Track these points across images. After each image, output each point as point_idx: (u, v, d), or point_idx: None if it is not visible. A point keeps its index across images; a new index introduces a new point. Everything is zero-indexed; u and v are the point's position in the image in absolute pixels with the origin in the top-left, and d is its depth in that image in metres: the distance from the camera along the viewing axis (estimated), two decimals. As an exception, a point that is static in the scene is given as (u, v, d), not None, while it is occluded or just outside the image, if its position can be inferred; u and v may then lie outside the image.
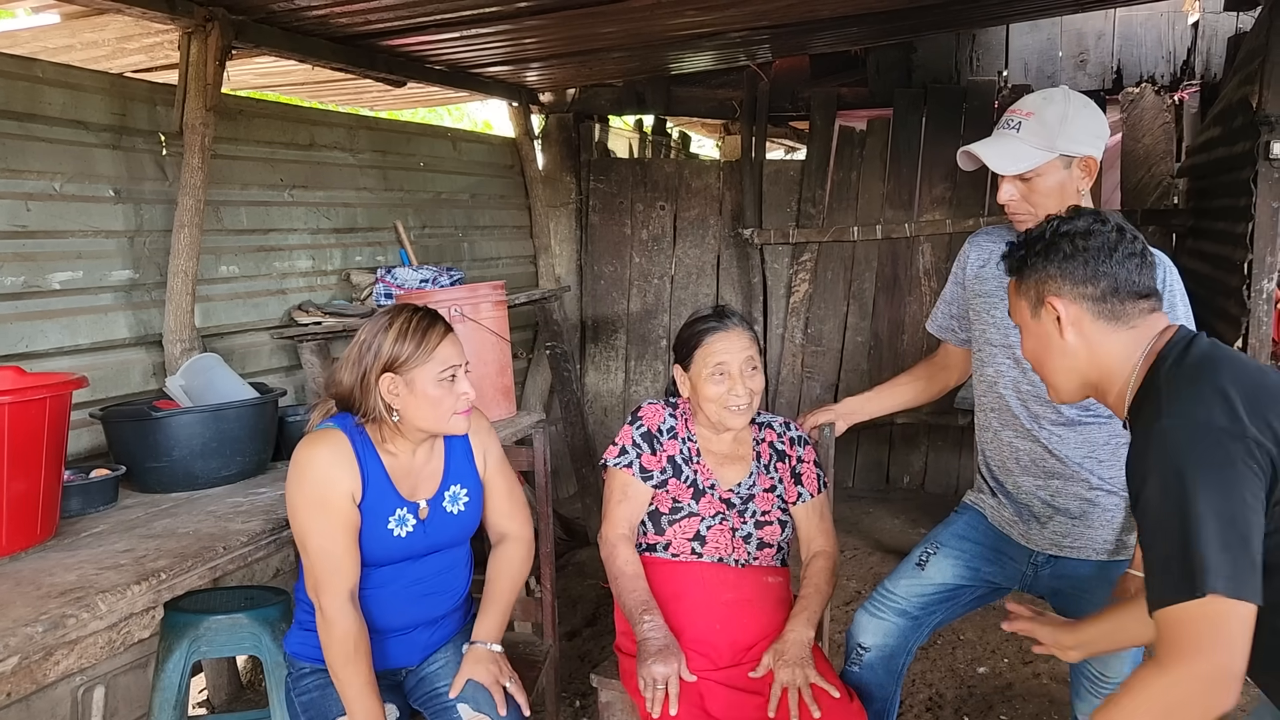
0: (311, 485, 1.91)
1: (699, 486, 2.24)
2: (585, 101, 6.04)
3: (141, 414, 2.48)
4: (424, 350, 1.95)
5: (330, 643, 1.89)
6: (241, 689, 3.49)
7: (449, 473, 2.11)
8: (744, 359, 2.20)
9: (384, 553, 2.00)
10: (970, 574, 2.28)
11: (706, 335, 2.22)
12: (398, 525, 2.00)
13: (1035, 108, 2.06)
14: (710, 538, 2.21)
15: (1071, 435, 2.13)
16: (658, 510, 2.25)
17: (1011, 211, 2.10)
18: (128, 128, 3.22)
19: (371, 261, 4.39)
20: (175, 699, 2.38)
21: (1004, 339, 2.18)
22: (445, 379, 1.96)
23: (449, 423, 1.99)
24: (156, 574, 1.85)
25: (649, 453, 2.25)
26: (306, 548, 1.92)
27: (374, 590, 2.01)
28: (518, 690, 2.01)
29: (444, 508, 2.08)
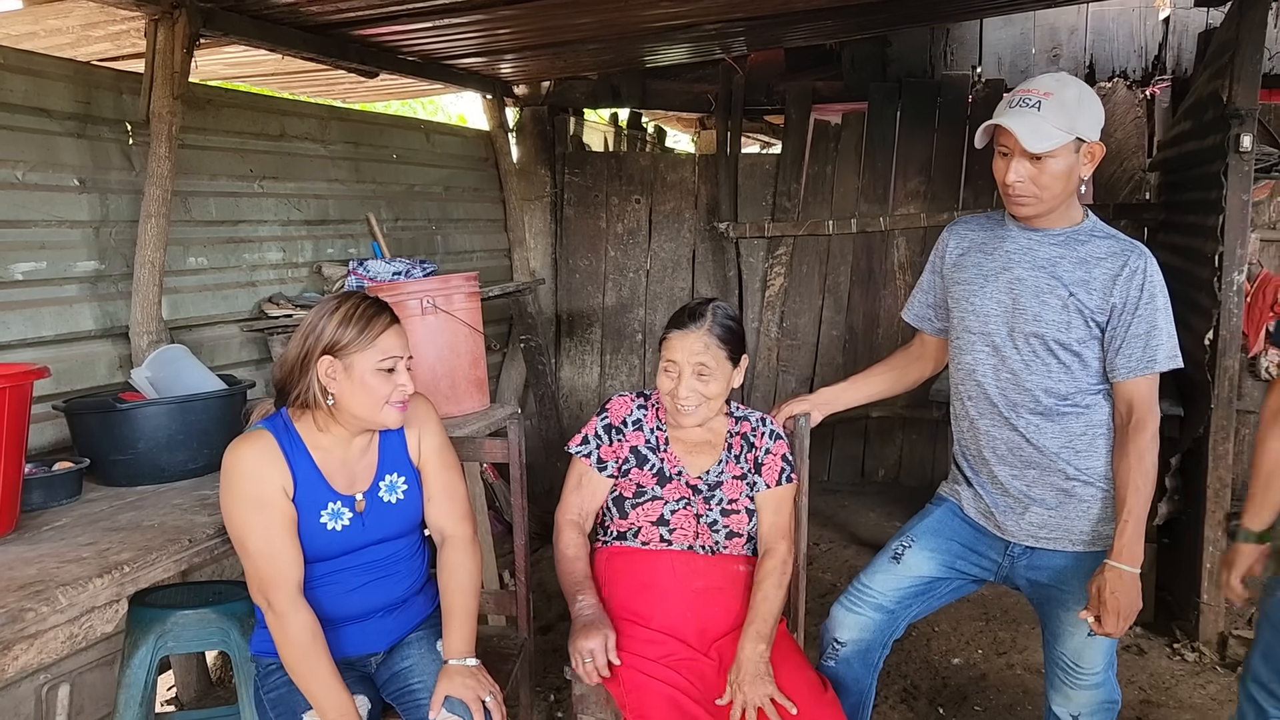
0: (244, 485, 1.90)
1: (665, 474, 2.25)
2: (560, 94, 6.00)
3: (106, 406, 2.44)
4: (366, 337, 1.93)
5: (285, 640, 1.87)
6: (211, 685, 3.44)
7: (384, 462, 2.09)
8: (694, 362, 2.16)
9: (321, 547, 1.97)
10: (946, 566, 2.28)
11: (670, 331, 2.23)
12: (331, 519, 1.98)
13: (1052, 88, 2.01)
14: (675, 522, 2.20)
15: (1049, 425, 2.12)
16: (621, 495, 2.25)
17: (1017, 193, 2.05)
18: (93, 116, 3.17)
19: (344, 254, 4.35)
20: (141, 696, 2.34)
21: (983, 326, 2.17)
22: (384, 369, 1.95)
23: (382, 413, 1.97)
24: (120, 567, 1.82)
25: (608, 444, 2.28)
26: (247, 549, 1.89)
27: (322, 582, 1.99)
28: (496, 706, 1.96)
29: (381, 498, 2.06)
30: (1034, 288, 2.10)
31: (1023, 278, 2.12)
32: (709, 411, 2.22)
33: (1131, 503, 2.01)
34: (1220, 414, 3.43)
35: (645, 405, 2.33)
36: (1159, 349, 2.04)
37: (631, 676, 2.05)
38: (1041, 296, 2.09)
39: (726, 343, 2.21)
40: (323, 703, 1.86)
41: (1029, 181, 2.03)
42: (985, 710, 3.21)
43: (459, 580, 2.09)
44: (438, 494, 2.14)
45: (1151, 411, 2.05)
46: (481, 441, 2.49)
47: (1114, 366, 2.07)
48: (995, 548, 2.25)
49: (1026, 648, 3.60)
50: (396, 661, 2.07)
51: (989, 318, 2.16)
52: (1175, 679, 3.35)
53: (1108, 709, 2.19)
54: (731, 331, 2.23)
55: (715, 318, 2.21)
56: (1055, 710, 2.23)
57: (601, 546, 2.29)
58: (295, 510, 1.93)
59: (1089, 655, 2.14)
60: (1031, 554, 2.20)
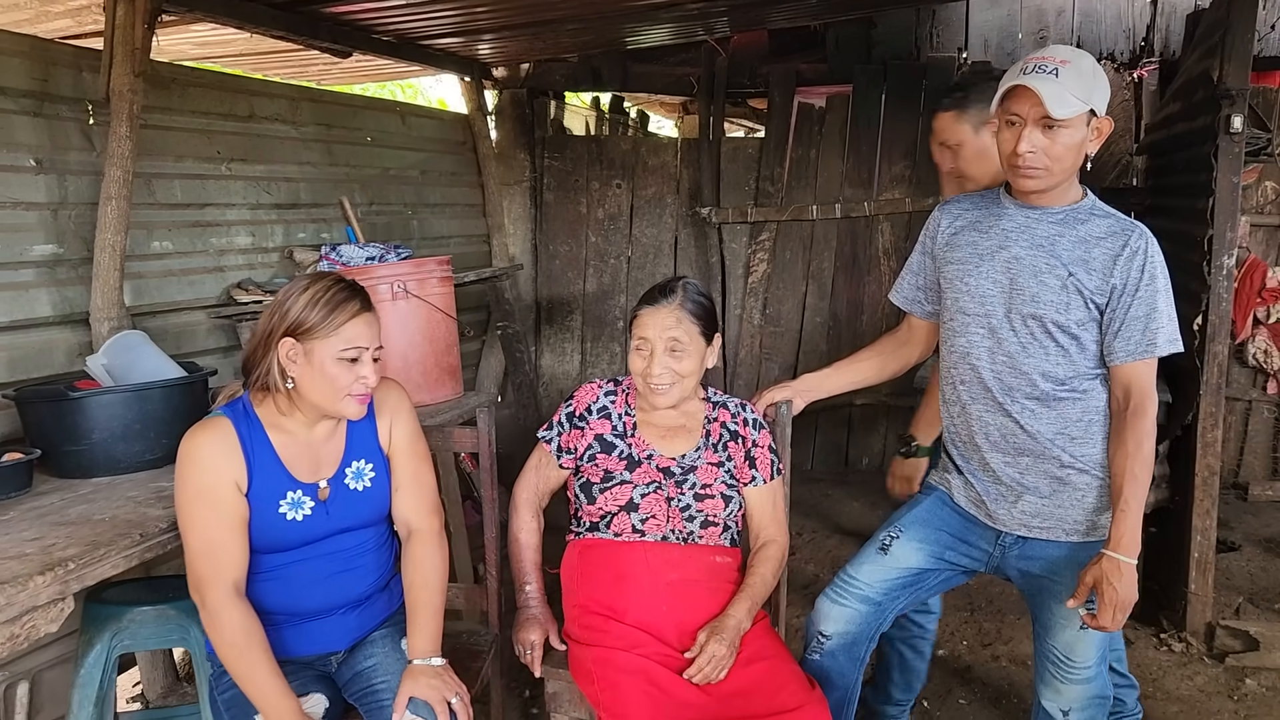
0: (194, 476, 1.82)
1: (634, 458, 2.18)
2: (540, 77, 5.90)
3: (58, 394, 2.34)
4: (330, 323, 1.84)
5: (219, 639, 1.78)
6: (178, 681, 3.35)
7: (351, 448, 1.99)
8: (667, 337, 2.10)
9: (280, 537, 1.89)
10: (935, 557, 2.21)
11: (640, 308, 2.17)
12: (291, 509, 1.89)
13: (1069, 57, 1.92)
14: (646, 506, 2.13)
15: (1044, 410, 2.05)
16: (589, 481, 2.19)
17: (1028, 164, 1.95)
18: (50, 94, 3.05)
19: (316, 239, 4.24)
20: (96, 696, 2.25)
21: (979, 308, 2.09)
22: (346, 358, 1.85)
23: (340, 404, 1.88)
24: (64, 563, 1.72)
25: (569, 431, 2.24)
26: (187, 541, 1.82)
27: (281, 574, 1.91)
28: (462, 708, 1.88)
29: (347, 485, 1.97)
30: (1032, 267, 2.02)
31: (1020, 256, 2.04)
32: (682, 391, 2.14)
33: (1129, 491, 1.93)
34: (1209, 401, 3.37)
35: (615, 391, 2.27)
36: (1159, 332, 1.97)
37: (606, 673, 1.99)
38: (1040, 276, 2.01)
39: (699, 318, 2.15)
40: (263, 704, 1.78)
41: (1041, 153, 1.94)
42: (970, 703, 3.15)
43: (425, 575, 2.00)
44: (406, 483, 2.05)
45: (1150, 397, 1.98)
46: (451, 430, 2.40)
47: (1112, 350, 2.00)
48: (986, 537, 2.18)
49: (1012, 639, 3.55)
50: (359, 660, 1.99)
51: (985, 298, 2.08)
52: (1162, 670, 3.30)
53: (1099, 704, 2.12)
54: (703, 307, 2.17)
55: (686, 293, 2.16)
56: (1045, 705, 2.17)
57: (574, 539, 2.22)
58: (246, 506, 1.85)
59: (1081, 649, 2.07)
60: (1023, 544, 2.13)
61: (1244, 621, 3.45)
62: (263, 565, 1.90)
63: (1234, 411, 5.12)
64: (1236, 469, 5.22)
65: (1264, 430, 5.20)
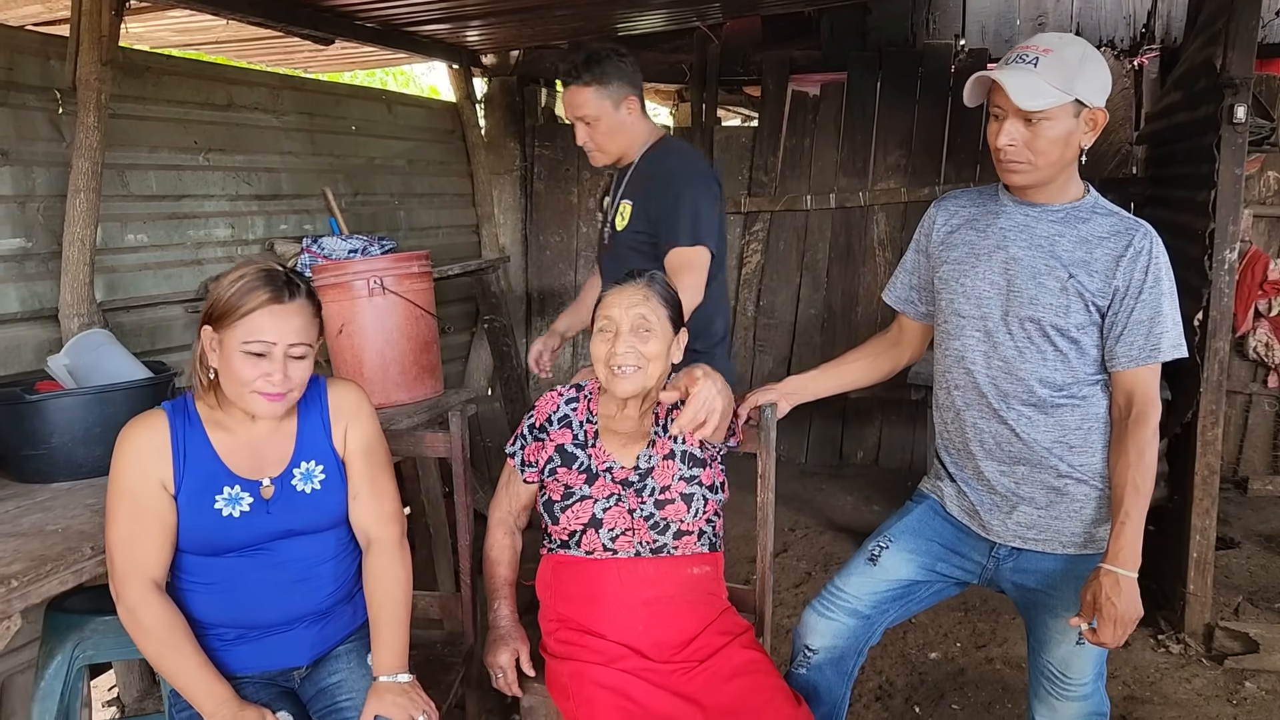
0: (118, 470, 1.77)
1: (592, 470, 2.07)
2: (530, 64, 5.79)
3: (14, 397, 2.26)
4: (236, 311, 1.73)
5: (141, 634, 1.72)
6: (154, 684, 3.27)
7: (301, 448, 1.90)
8: (634, 314, 1.99)
9: (217, 535, 1.80)
10: (926, 569, 2.12)
11: (606, 290, 2.07)
12: (228, 505, 1.80)
13: (1053, 45, 1.84)
14: (609, 521, 2.03)
15: (1041, 418, 1.96)
16: (550, 499, 2.09)
17: (1008, 159, 1.88)
18: (16, 83, 2.96)
19: (298, 230, 4.15)
20: (57, 709, 2.18)
21: (974, 310, 2.00)
22: (249, 351, 1.74)
23: (247, 399, 1.78)
24: (7, 580, 1.64)
25: (530, 444, 2.15)
26: (109, 535, 1.75)
27: (234, 583, 1.82)
28: None
29: (293, 486, 1.87)
30: (1030, 268, 1.93)
31: (1018, 257, 1.94)
32: (645, 380, 2.02)
33: (1130, 502, 1.84)
34: (1209, 398, 3.28)
35: (576, 398, 2.16)
36: (1163, 336, 1.88)
37: (582, 688, 1.91)
38: (1039, 278, 1.92)
39: (668, 303, 2.05)
40: (196, 695, 1.72)
41: (1022, 146, 1.86)
42: (963, 708, 3.08)
43: (386, 588, 1.91)
44: (363, 491, 1.95)
45: (1153, 404, 1.89)
46: (423, 435, 2.31)
47: (1114, 355, 1.91)
48: (979, 549, 2.09)
49: (1006, 640, 3.48)
50: (323, 676, 1.91)
51: (981, 300, 1.98)
52: (1160, 672, 3.23)
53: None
54: (672, 296, 2.08)
55: (654, 280, 2.06)
56: None
57: (547, 554, 2.13)
58: (172, 506, 1.77)
59: (1078, 664, 1.99)
60: (1018, 556, 2.04)
61: (1243, 623, 3.38)
62: (212, 573, 1.81)
63: (1234, 405, 5.04)
64: (1236, 464, 5.14)
65: (1264, 424, 5.12)
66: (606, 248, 2.82)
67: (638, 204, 2.69)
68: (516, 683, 2.06)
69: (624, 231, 2.72)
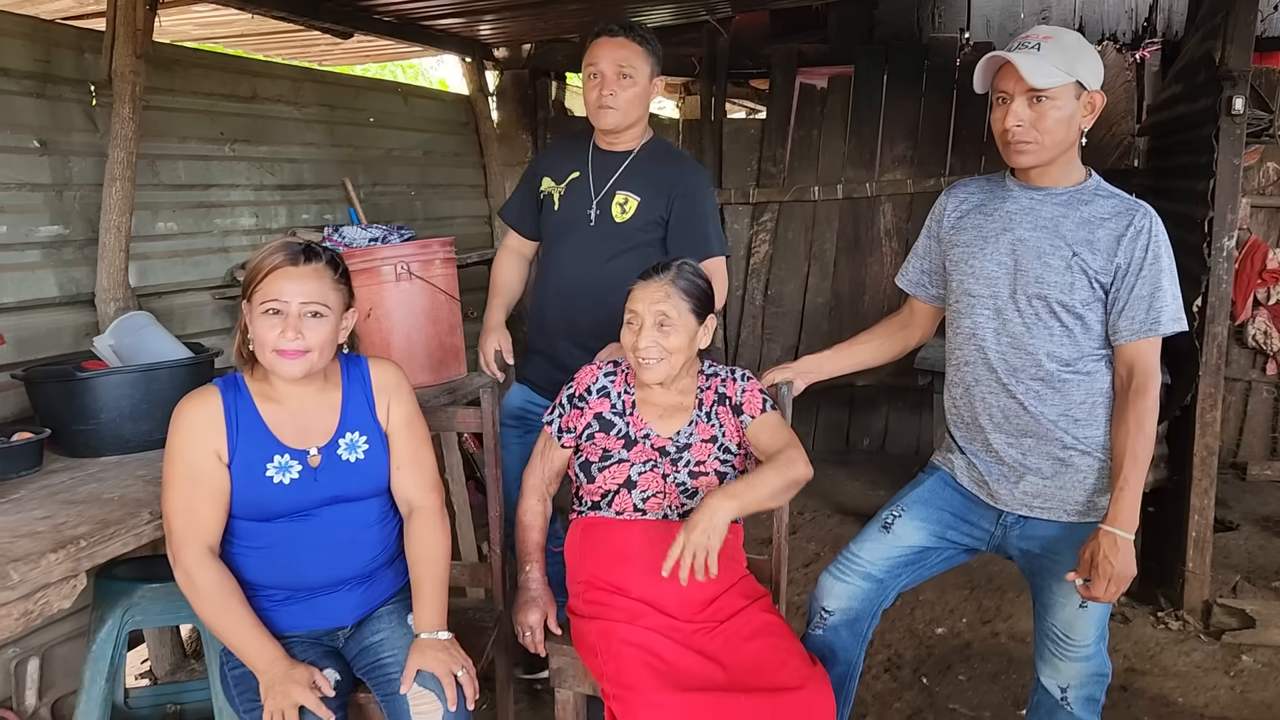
0: (175, 443, 1.88)
1: (631, 437, 2.21)
2: (542, 57, 5.88)
3: (66, 374, 2.36)
4: (256, 277, 1.88)
5: (197, 598, 1.84)
6: (185, 658, 3.39)
7: (345, 420, 2.02)
8: (655, 310, 2.13)
9: (269, 502, 1.92)
10: (937, 536, 2.23)
11: (634, 283, 2.20)
12: (278, 472, 1.92)
13: (1052, 34, 1.99)
14: (643, 484, 2.17)
15: (1049, 392, 2.07)
16: (587, 460, 2.22)
17: (1016, 139, 2.00)
18: (53, 76, 3.06)
19: (319, 219, 4.25)
20: (108, 671, 2.29)
21: (984, 289, 2.11)
22: (268, 310, 1.87)
23: (270, 360, 1.90)
24: (75, 541, 1.75)
25: (569, 412, 2.27)
26: (166, 503, 1.87)
27: (284, 547, 1.94)
28: (468, 681, 1.92)
29: (339, 455, 1.99)
30: (1036, 248, 2.04)
31: (1025, 238, 2.06)
32: (670, 369, 2.16)
33: (1129, 469, 1.96)
34: (1208, 382, 3.39)
35: (614, 372, 2.30)
36: (1163, 310, 1.99)
37: (609, 646, 2.01)
38: (1044, 258, 2.03)
39: (690, 295, 2.16)
40: (249, 654, 1.84)
41: (1029, 126, 1.98)
42: (970, 679, 3.19)
43: (428, 551, 2.03)
44: (406, 463, 2.07)
45: (1153, 377, 2.00)
46: (455, 411, 2.42)
47: (1116, 329, 2.02)
48: (988, 517, 2.20)
49: (1012, 615, 3.58)
50: (366, 635, 2.02)
51: (990, 280, 2.10)
52: (1160, 647, 3.33)
53: (1097, 681, 2.15)
54: (697, 286, 2.19)
55: (680, 271, 2.18)
56: (1044, 682, 2.19)
57: (577, 517, 2.24)
58: (226, 476, 1.89)
59: (1080, 627, 2.09)
60: (1024, 523, 2.14)
61: (1240, 600, 3.48)
62: (263, 537, 1.93)
63: (1233, 392, 5.14)
64: (1235, 449, 5.25)
65: (1263, 410, 5.22)
66: (581, 232, 2.74)
67: (646, 200, 2.70)
68: (542, 642, 2.18)
69: (625, 225, 2.71)
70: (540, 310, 2.89)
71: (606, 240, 2.71)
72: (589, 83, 2.69)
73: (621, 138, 2.75)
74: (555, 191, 2.80)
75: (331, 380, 2.03)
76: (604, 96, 2.65)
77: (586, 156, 2.78)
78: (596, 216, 2.73)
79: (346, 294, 1.97)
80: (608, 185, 2.74)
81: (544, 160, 2.93)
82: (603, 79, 2.65)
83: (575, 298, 2.74)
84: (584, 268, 2.73)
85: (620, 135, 2.74)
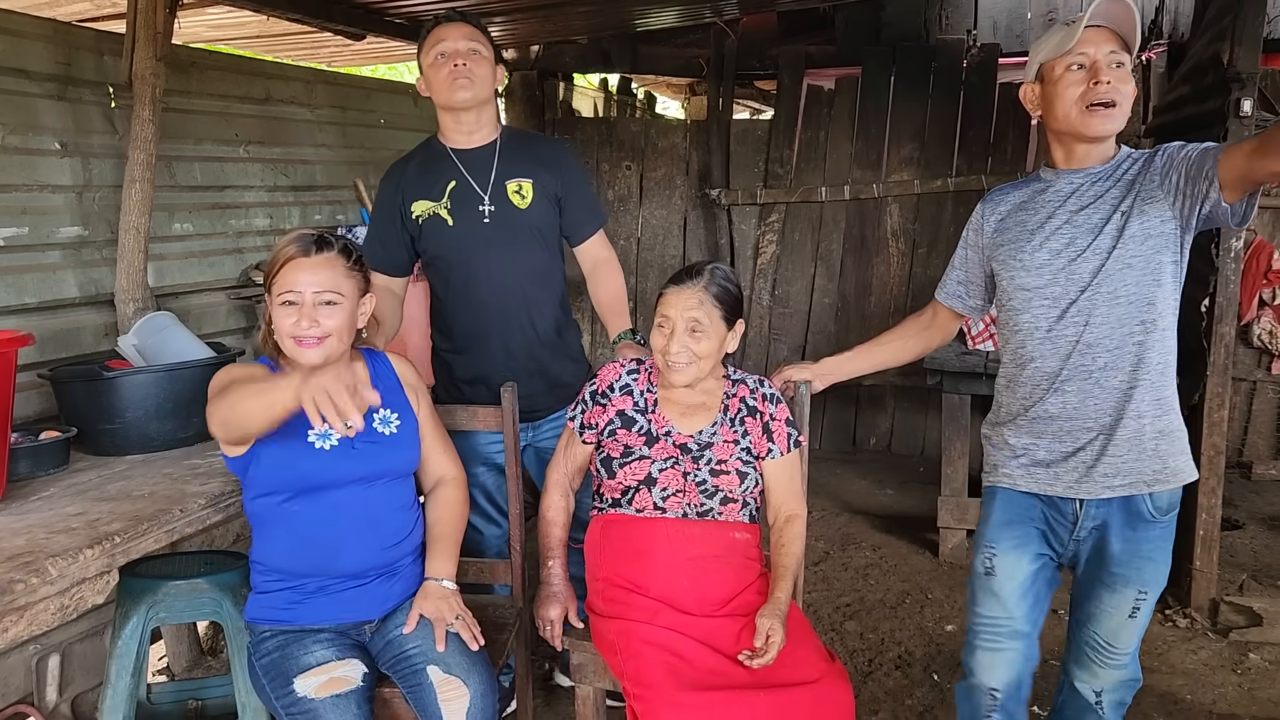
0: (230, 372, 1.95)
1: (652, 434, 2.24)
2: (549, 59, 5.92)
3: (92, 374, 2.40)
4: (272, 270, 1.96)
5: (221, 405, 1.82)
6: (202, 655, 3.42)
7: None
8: (688, 317, 2.16)
9: (309, 468, 1.97)
10: (1034, 555, 2.10)
11: (666, 287, 2.23)
12: (320, 439, 1.99)
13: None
14: (664, 481, 2.19)
15: (1115, 371, 1.97)
16: (609, 456, 2.25)
17: (1105, 97, 1.89)
18: (73, 78, 3.09)
19: (331, 220, 4.29)
20: (133, 666, 2.31)
21: (1039, 279, 2.01)
22: (282, 302, 1.95)
23: (289, 348, 1.97)
24: (110, 537, 1.79)
25: (591, 408, 2.31)
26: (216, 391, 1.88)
27: (317, 529, 1.99)
28: (464, 627, 2.01)
29: (374, 428, 2.07)
30: (1086, 225, 1.97)
31: (1073, 219, 1.99)
32: (698, 372, 2.20)
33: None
34: (1215, 381, 3.42)
35: (637, 370, 2.33)
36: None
37: (629, 644, 2.04)
38: (1095, 231, 1.96)
39: (722, 302, 2.19)
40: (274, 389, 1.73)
41: (1116, 85, 1.90)
42: (979, 676, 3.21)
43: (451, 510, 2.19)
44: (435, 448, 2.22)
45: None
46: (474, 410, 2.45)
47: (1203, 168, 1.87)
48: (1065, 518, 2.08)
49: (1019, 614, 3.61)
50: (390, 629, 2.05)
51: (1043, 269, 2.01)
52: (1167, 644, 3.36)
53: (1130, 686, 2.13)
54: (728, 292, 2.22)
55: (713, 277, 2.20)
56: (1078, 686, 2.15)
57: (597, 514, 2.27)
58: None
59: (1125, 635, 2.05)
60: (1104, 508, 2.03)
61: (1247, 598, 3.51)
62: (296, 519, 1.98)
63: (1239, 392, 5.17)
64: (1241, 449, 5.27)
65: (1268, 411, 5.25)
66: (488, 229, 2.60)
67: (540, 182, 2.63)
68: (561, 636, 2.23)
69: (529, 210, 2.62)
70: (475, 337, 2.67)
71: (514, 231, 2.61)
72: (438, 63, 2.55)
73: (481, 126, 2.63)
74: (439, 209, 2.60)
75: (357, 367, 2.07)
76: (464, 71, 2.52)
77: (451, 162, 2.63)
78: (492, 213, 2.59)
79: (361, 280, 2.04)
80: (491, 178, 2.60)
81: (405, 189, 2.65)
82: (455, 57, 2.52)
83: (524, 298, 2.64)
84: (514, 267, 2.62)
85: (480, 122, 2.62)
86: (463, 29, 2.57)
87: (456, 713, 1.92)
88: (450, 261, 2.62)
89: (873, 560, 4.16)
